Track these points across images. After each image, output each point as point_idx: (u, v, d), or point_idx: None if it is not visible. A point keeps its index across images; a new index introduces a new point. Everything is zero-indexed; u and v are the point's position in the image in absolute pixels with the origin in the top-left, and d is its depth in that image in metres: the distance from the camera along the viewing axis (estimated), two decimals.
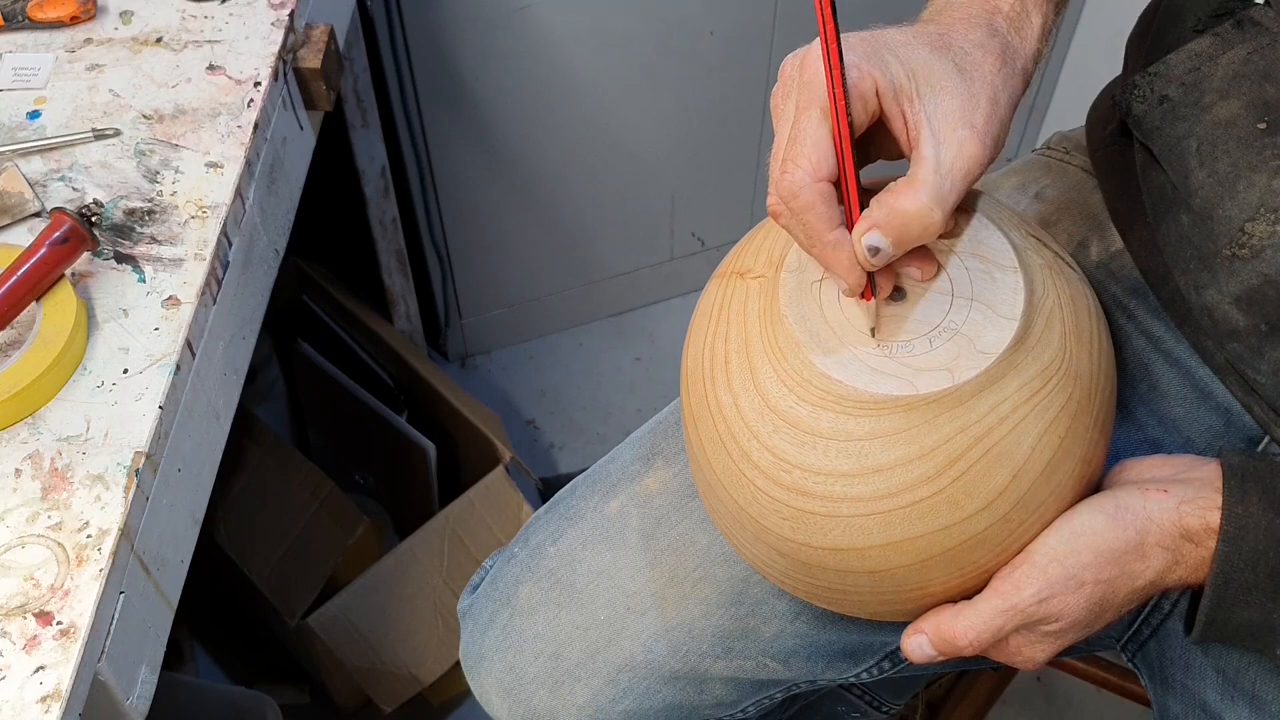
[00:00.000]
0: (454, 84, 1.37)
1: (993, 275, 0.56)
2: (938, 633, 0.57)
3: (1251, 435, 0.65)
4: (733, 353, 0.58)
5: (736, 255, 0.61)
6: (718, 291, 0.61)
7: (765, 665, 0.75)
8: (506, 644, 0.77)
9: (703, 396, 0.59)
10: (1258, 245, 0.56)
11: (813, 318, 0.56)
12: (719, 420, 0.57)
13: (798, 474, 0.55)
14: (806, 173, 0.51)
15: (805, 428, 0.54)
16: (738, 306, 0.59)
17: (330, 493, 1.29)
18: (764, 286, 0.58)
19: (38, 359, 0.68)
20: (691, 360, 0.60)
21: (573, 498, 0.80)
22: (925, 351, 0.54)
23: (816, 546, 0.56)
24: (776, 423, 0.55)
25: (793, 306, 0.56)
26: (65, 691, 0.59)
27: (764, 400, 0.56)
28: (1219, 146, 0.58)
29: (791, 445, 0.55)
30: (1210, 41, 0.60)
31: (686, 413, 0.61)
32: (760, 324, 0.57)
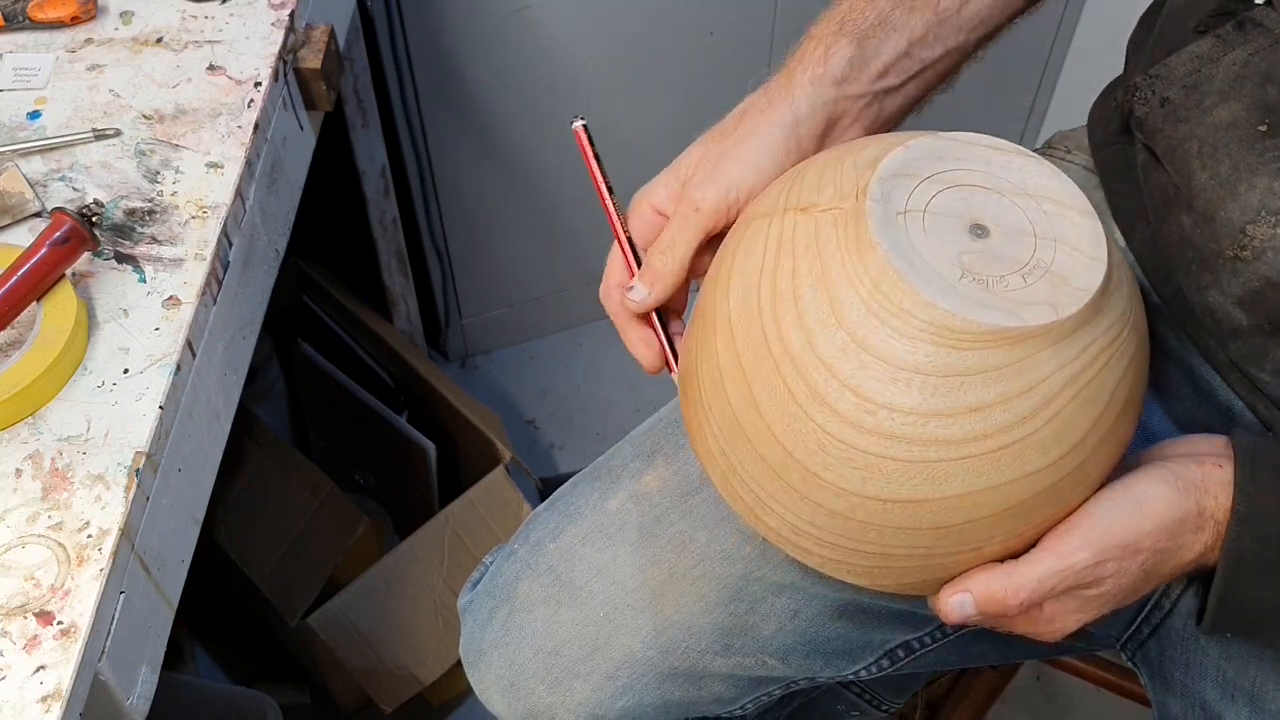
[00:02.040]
0: (454, 84, 1.37)
1: (1071, 218, 0.54)
2: (986, 591, 0.55)
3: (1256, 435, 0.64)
4: (804, 287, 0.54)
5: (786, 192, 0.58)
6: (770, 229, 0.57)
7: (764, 662, 0.75)
8: (506, 640, 0.77)
9: (760, 339, 0.54)
10: (1259, 247, 0.56)
11: (905, 248, 0.53)
12: (784, 363, 0.53)
13: (883, 415, 0.51)
14: (606, 284, 0.68)
15: (899, 363, 0.51)
16: (805, 240, 0.55)
17: (330, 493, 1.29)
18: (841, 218, 0.54)
19: (38, 359, 0.68)
20: (741, 302, 0.56)
21: (572, 495, 0.80)
22: (1020, 287, 0.52)
23: (886, 499, 0.53)
24: (863, 359, 0.52)
25: (884, 235, 0.53)
26: (65, 691, 0.59)
27: (849, 335, 0.52)
28: (1220, 148, 0.58)
29: (880, 383, 0.51)
30: (1211, 43, 0.60)
31: (724, 362, 0.57)
32: (842, 255, 0.53)
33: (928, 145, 0.56)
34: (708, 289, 0.60)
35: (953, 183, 0.55)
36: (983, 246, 0.53)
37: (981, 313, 0.51)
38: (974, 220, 0.54)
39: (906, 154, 0.56)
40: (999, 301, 0.51)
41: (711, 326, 0.58)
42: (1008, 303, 0.51)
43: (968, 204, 0.55)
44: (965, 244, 0.53)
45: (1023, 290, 0.52)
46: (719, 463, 0.59)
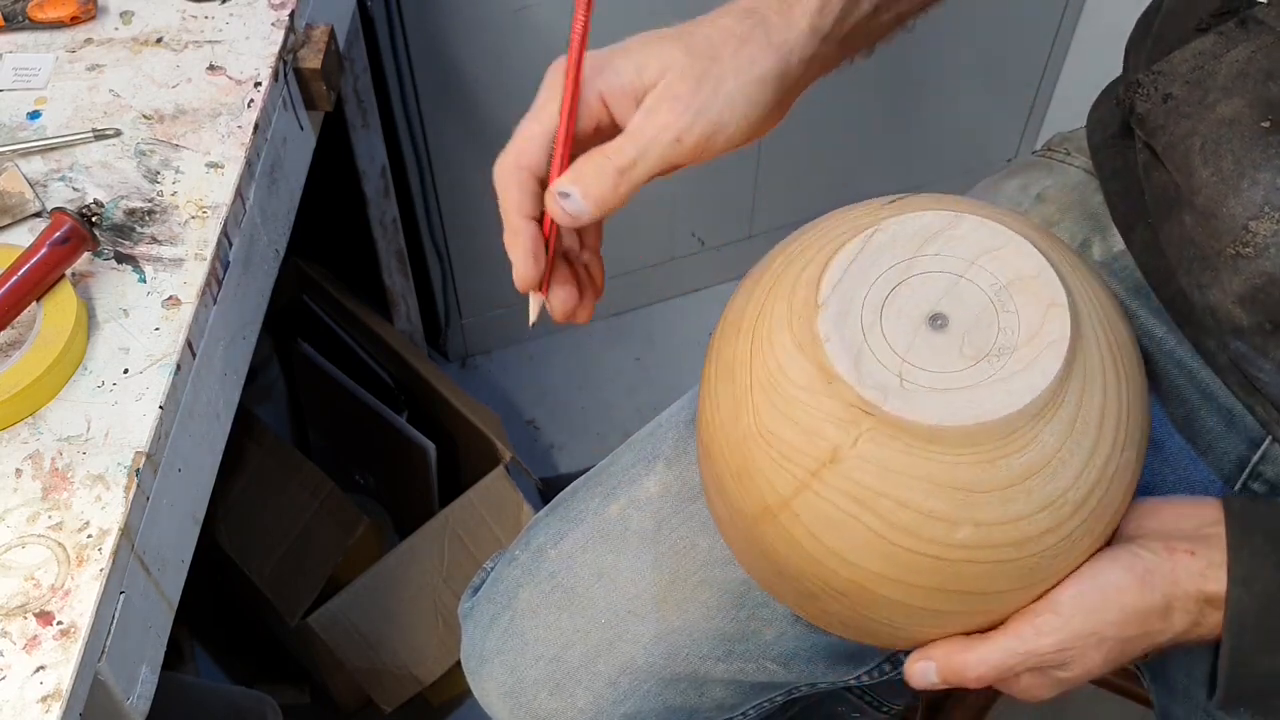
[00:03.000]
0: (454, 84, 1.37)
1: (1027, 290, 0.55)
2: (947, 663, 0.56)
3: (1253, 436, 0.64)
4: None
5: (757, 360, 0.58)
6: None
7: (766, 668, 0.75)
8: (507, 647, 0.77)
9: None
10: (1262, 244, 0.56)
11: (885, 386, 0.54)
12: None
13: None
14: (509, 162, 0.58)
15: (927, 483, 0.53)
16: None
17: (330, 493, 1.29)
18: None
19: (38, 359, 0.68)
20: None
21: (573, 500, 0.80)
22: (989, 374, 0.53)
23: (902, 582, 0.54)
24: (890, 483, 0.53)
25: (855, 378, 0.53)
26: (65, 691, 0.59)
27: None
28: (1223, 145, 0.58)
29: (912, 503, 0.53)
30: (1214, 40, 0.60)
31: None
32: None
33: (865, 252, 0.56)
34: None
35: (905, 276, 0.56)
36: (934, 340, 0.54)
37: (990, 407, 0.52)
38: (931, 310, 0.55)
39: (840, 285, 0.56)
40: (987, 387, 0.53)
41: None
42: (996, 389, 0.52)
43: (920, 295, 0.55)
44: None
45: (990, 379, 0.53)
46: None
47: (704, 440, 0.60)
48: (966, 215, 0.57)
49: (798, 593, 0.58)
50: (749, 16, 0.60)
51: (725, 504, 0.59)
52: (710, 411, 0.58)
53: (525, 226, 0.58)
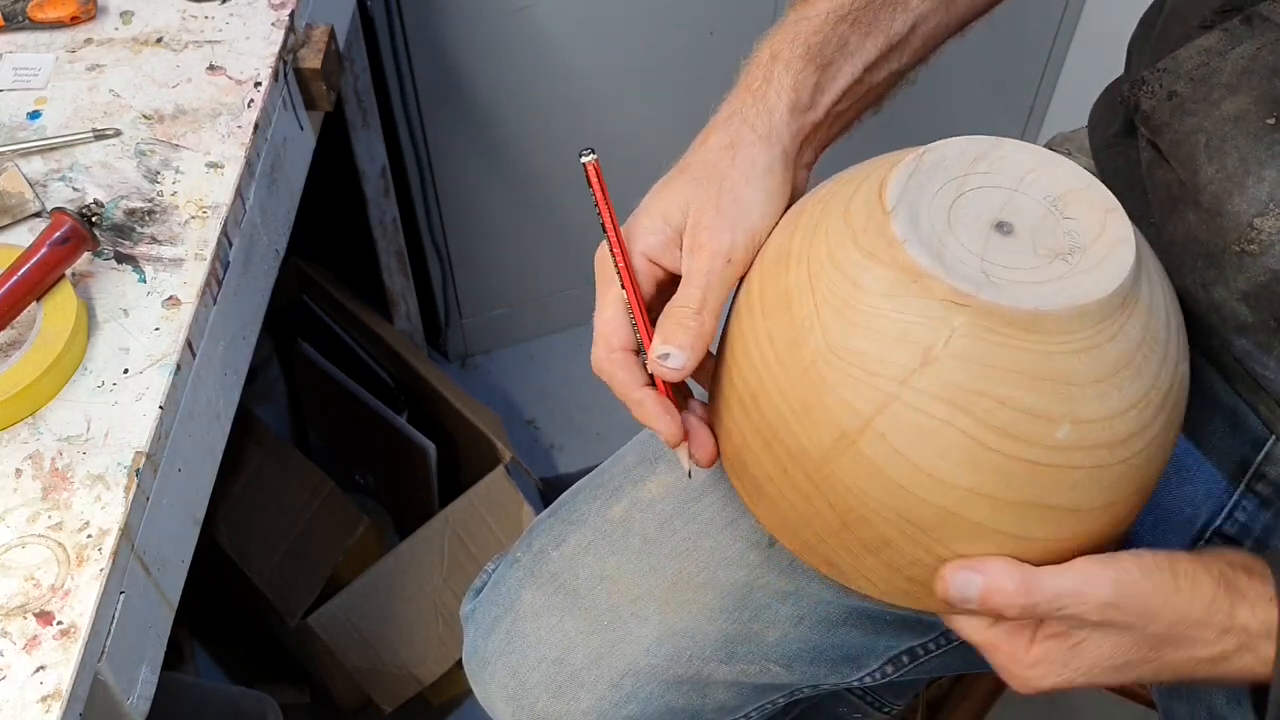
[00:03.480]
0: (454, 84, 1.37)
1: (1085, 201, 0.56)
2: (998, 580, 0.52)
3: (1258, 437, 0.64)
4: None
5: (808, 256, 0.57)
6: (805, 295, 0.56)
7: (768, 669, 0.75)
8: (510, 649, 0.77)
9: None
10: (1267, 241, 0.56)
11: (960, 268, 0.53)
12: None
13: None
14: (600, 349, 0.61)
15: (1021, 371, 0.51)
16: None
17: (330, 493, 1.28)
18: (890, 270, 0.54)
19: (38, 359, 0.68)
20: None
21: (575, 502, 0.80)
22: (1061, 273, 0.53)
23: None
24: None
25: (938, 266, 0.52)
26: (65, 691, 0.59)
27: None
28: (1228, 141, 0.58)
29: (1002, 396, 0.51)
30: (1219, 37, 0.60)
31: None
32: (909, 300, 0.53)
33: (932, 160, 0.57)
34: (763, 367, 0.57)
35: (961, 190, 0.56)
36: (1006, 243, 0.54)
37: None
38: (995, 219, 0.55)
39: (907, 182, 0.56)
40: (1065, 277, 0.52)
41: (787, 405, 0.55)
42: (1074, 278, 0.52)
43: (980, 207, 0.55)
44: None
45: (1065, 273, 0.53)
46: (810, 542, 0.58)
47: (747, 388, 0.57)
48: (1007, 140, 0.57)
49: (864, 543, 0.54)
50: (730, 120, 0.63)
51: (781, 452, 0.55)
52: (756, 352, 0.56)
53: (647, 395, 0.60)
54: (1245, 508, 0.65)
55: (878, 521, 0.53)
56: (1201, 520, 0.66)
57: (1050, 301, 0.51)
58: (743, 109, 0.63)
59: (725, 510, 0.74)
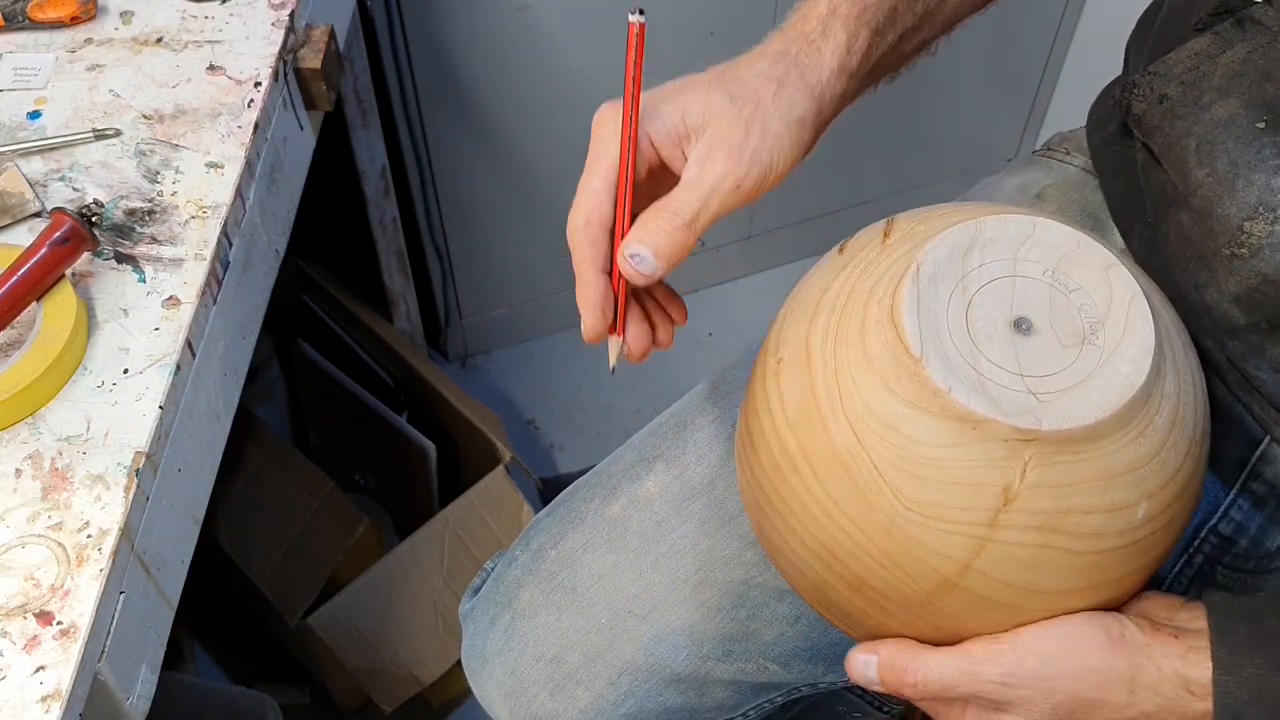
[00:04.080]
0: (454, 84, 1.37)
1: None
2: (891, 662, 0.56)
3: (1252, 437, 0.64)
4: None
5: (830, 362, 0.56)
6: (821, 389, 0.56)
7: (766, 668, 0.75)
8: (508, 647, 0.77)
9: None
10: (1256, 244, 0.56)
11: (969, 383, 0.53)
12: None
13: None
14: (579, 219, 0.58)
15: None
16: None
17: (330, 493, 1.29)
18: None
19: (38, 359, 0.68)
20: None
21: (573, 500, 0.80)
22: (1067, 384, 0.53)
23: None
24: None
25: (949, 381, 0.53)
26: (65, 691, 0.59)
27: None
28: (1218, 145, 0.58)
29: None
30: (1210, 40, 0.60)
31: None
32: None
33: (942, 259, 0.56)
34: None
35: (969, 296, 0.55)
36: (1032, 344, 0.54)
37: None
38: (1011, 318, 0.54)
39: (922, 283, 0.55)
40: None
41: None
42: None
43: (991, 309, 0.54)
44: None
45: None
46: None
47: (821, 545, 0.56)
48: (985, 216, 0.56)
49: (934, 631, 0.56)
50: (782, 59, 0.61)
51: (875, 596, 0.55)
52: (824, 515, 0.55)
53: (597, 280, 0.59)
54: (1241, 507, 0.66)
55: (990, 628, 0.55)
56: (1197, 520, 0.66)
57: (1104, 405, 0.51)
58: (796, 53, 0.61)
59: (722, 509, 0.74)
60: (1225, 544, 0.66)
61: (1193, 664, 0.53)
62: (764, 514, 0.58)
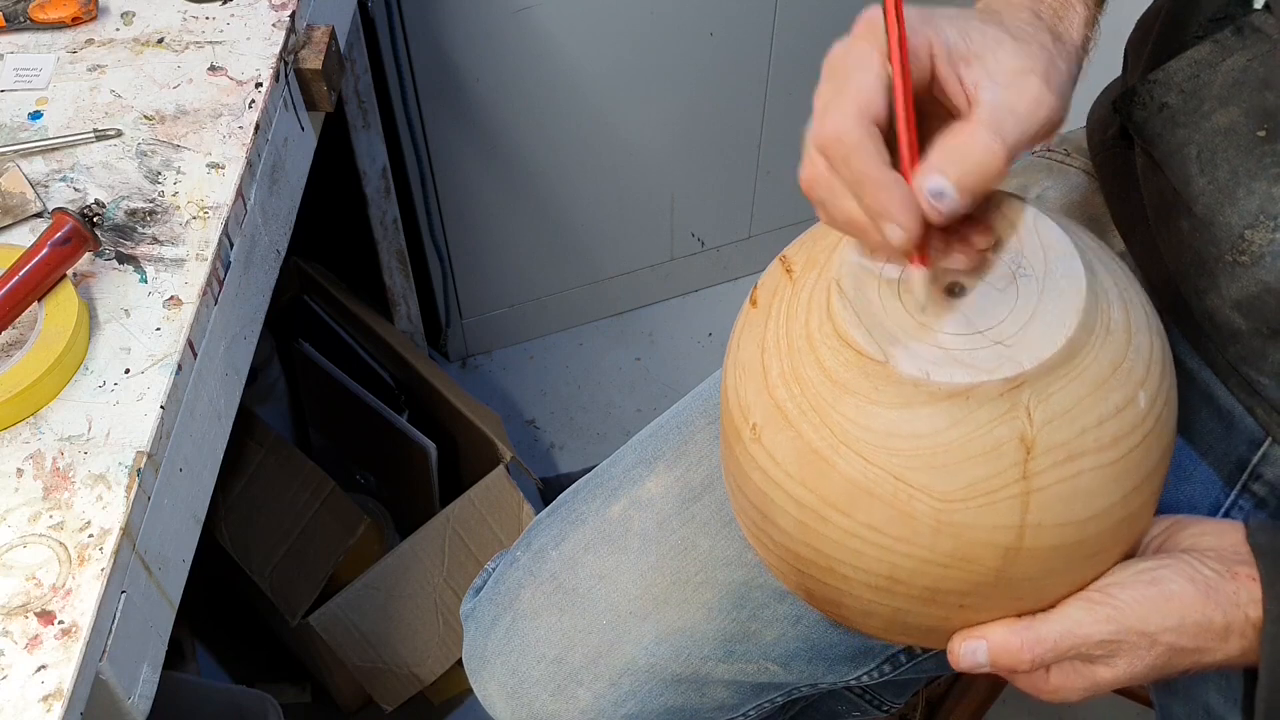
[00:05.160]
0: (454, 85, 1.37)
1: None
2: (1003, 643, 0.54)
3: (1253, 438, 0.65)
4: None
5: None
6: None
7: (766, 668, 0.75)
8: (509, 647, 0.77)
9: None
10: (1258, 252, 0.57)
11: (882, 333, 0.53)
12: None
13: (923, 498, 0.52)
14: (851, 114, 0.47)
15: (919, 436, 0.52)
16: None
17: (331, 492, 1.29)
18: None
19: (39, 359, 0.68)
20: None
21: (574, 501, 0.80)
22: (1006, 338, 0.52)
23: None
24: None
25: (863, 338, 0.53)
26: (67, 691, 0.59)
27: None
28: (1219, 154, 0.58)
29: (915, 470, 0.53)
30: (1210, 48, 0.60)
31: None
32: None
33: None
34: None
35: (889, 282, 0.55)
36: (972, 300, 0.53)
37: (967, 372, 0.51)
38: (944, 283, 0.54)
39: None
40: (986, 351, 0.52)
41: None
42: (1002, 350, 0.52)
43: (924, 275, 0.54)
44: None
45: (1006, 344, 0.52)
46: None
47: (873, 574, 0.54)
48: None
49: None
50: (1040, 19, 0.55)
51: (948, 600, 0.54)
52: (867, 547, 0.54)
53: (894, 179, 0.47)
54: (1242, 507, 0.66)
55: (1052, 583, 0.55)
56: None
57: (1065, 321, 0.51)
58: (1051, 20, 0.56)
59: (723, 510, 0.75)
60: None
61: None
62: (810, 577, 0.57)
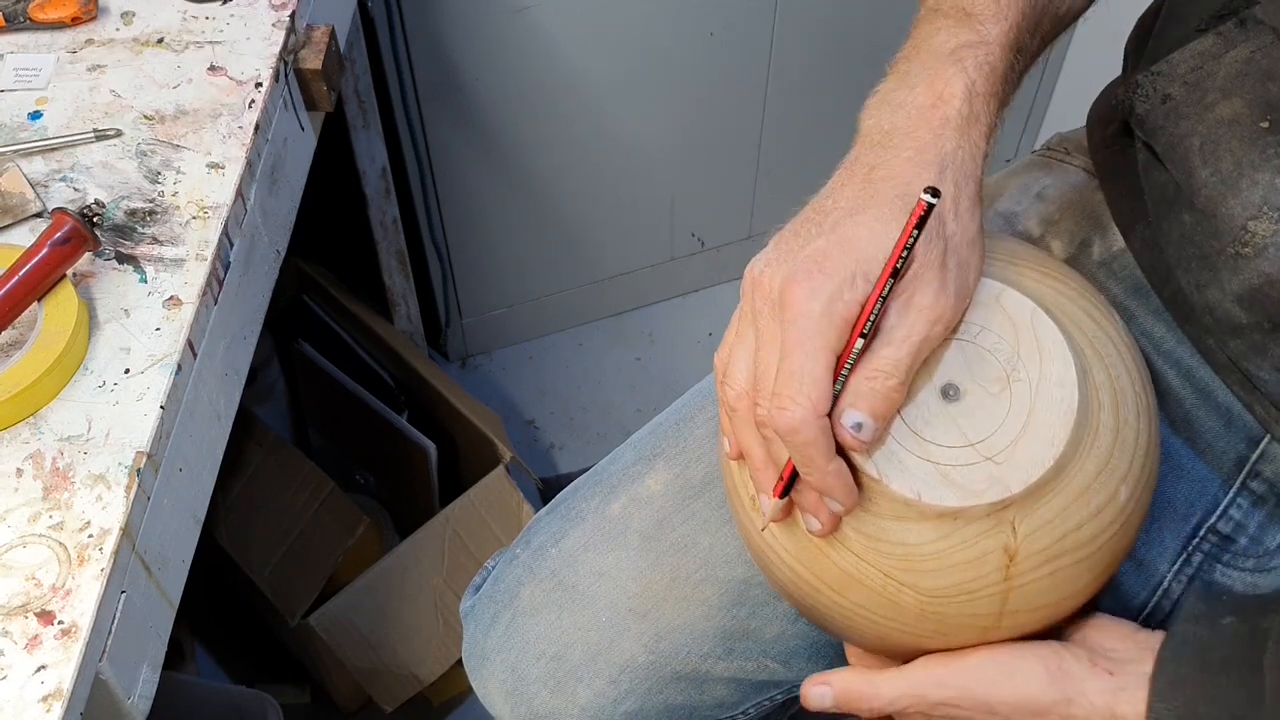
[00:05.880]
0: (454, 84, 1.37)
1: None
2: (845, 689, 0.59)
3: (1252, 435, 0.65)
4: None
5: None
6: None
7: (766, 666, 0.75)
8: (509, 645, 0.77)
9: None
10: (1260, 244, 0.57)
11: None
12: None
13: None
14: (808, 410, 0.52)
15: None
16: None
17: (331, 493, 1.29)
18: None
19: (39, 359, 0.68)
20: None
21: (574, 499, 0.80)
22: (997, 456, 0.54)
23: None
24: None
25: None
26: (67, 691, 0.59)
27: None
28: (1222, 145, 0.58)
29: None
30: (1213, 40, 0.60)
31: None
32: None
33: None
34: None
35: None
36: (966, 407, 0.55)
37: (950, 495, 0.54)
38: (940, 384, 0.56)
39: None
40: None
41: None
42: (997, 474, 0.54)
43: (922, 374, 0.56)
44: (937, 409, 0.56)
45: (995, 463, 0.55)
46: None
47: (866, 640, 0.61)
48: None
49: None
50: (946, 169, 0.56)
51: (936, 646, 0.59)
52: (859, 620, 0.58)
53: (841, 466, 0.54)
54: (1240, 505, 0.66)
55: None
56: (1196, 518, 0.67)
57: (1055, 440, 0.54)
58: (956, 156, 0.56)
59: (723, 508, 0.75)
60: (1225, 542, 0.66)
61: (1124, 701, 0.55)
62: (806, 611, 0.62)
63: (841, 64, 1.49)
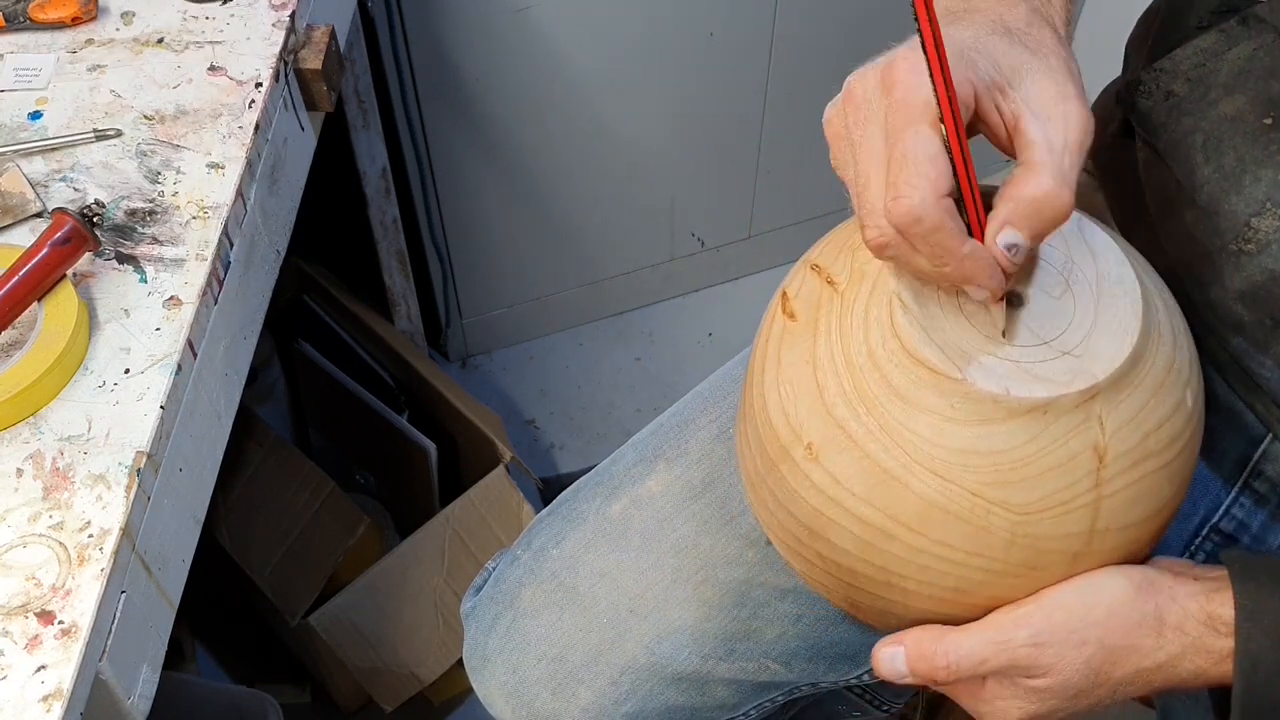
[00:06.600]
0: (454, 85, 1.37)
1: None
2: (918, 648, 0.55)
3: (1253, 435, 0.65)
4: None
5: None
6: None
7: (767, 667, 0.75)
8: (509, 646, 0.77)
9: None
10: (1263, 240, 0.57)
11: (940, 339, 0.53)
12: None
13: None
14: (927, 193, 0.47)
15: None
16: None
17: (331, 493, 1.29)
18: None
19: (39, 359, 0.68)
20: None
21: (575, 500, 0.80)
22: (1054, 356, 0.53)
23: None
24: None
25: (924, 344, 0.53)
26: (67, 691, 0.59)
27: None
28: (1225, 142, 0.58)
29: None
30: (1216, 38, 0.60)
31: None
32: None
33: None
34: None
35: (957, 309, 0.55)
36: (1033, 311, 0.54)
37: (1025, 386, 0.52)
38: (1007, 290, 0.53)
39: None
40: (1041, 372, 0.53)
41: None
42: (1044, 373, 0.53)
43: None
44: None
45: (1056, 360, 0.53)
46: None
47: (949, 591, 0.55)
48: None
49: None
50: (1035, 12, 0.54)
51: (1000, 603, 0.55)
52: (941, 563, 0.54)
53: (975, 248, 0.49)
54: (1243, 504, 0.66)
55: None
56: (1199, 517, 0.67)
57: (1129, 327, 0.53)
58: (1041, 6, 0.55)
59: (724, 508, 0.75)
60: (1227, 541, 0.66)
61: (1218, 602, 0.53)
62: (862, 591, 0.57)
63: (841, 64, 1.49)
